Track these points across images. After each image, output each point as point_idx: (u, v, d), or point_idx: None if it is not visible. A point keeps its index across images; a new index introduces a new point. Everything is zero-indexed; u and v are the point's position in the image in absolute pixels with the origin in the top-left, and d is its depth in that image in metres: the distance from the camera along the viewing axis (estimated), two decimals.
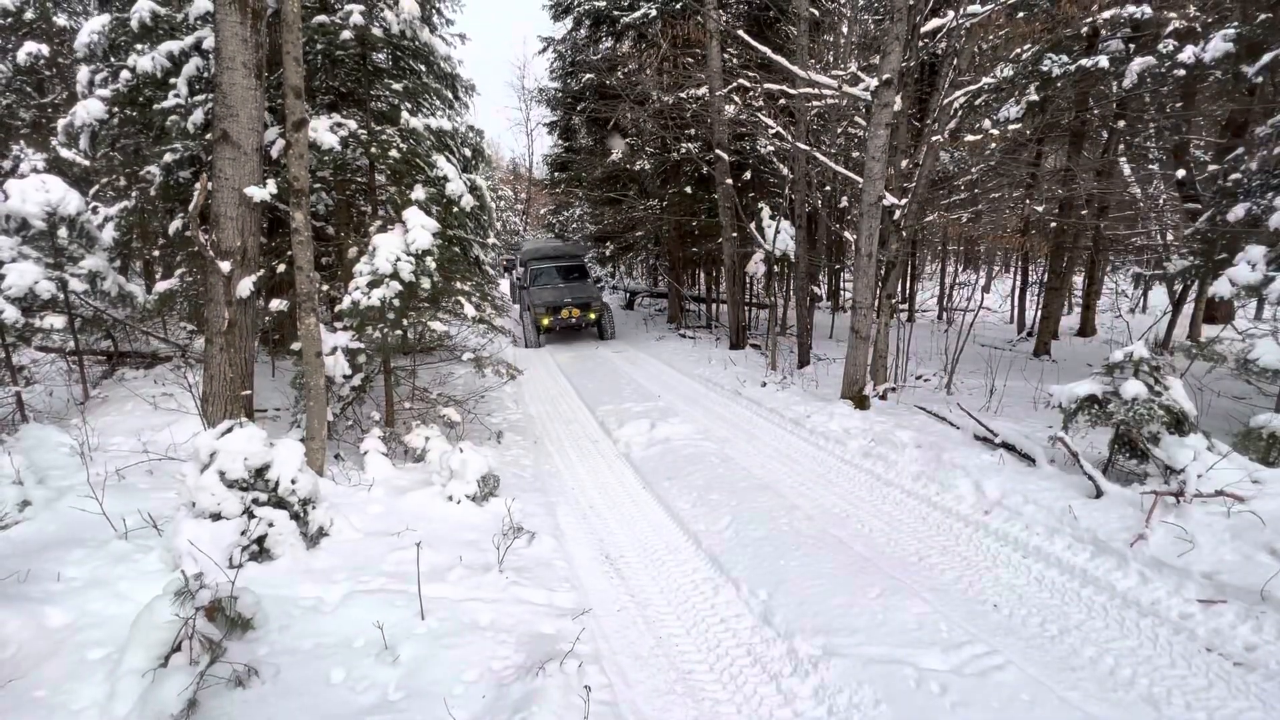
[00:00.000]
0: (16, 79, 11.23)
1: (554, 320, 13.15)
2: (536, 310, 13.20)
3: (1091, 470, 4.27)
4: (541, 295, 13.55)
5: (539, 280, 14.28)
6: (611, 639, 3.16)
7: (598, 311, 13.52)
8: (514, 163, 38.97)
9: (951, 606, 3.33)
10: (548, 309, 13.13)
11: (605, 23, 13.85)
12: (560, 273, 14.49)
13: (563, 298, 13.35)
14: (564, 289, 13.87)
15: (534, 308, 13.30)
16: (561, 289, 13.86)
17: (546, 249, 15.05)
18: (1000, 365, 8.84)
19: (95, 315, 6.31)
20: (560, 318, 13.18)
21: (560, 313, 13.15)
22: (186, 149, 6.15)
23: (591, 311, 13.37)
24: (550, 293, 13.64)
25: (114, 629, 2.70)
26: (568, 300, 13.31)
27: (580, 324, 13.45)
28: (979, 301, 12.25)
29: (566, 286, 14.05)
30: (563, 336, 14.44)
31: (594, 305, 13.41)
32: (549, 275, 14.40)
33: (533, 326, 13.28)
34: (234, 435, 3.45)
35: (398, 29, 5.79)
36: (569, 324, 13.35)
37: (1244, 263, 5.41)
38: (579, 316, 13.26)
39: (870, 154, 6.60)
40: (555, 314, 13.14)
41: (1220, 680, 2.72)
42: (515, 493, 4.75)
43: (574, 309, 13.19)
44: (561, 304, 13.22)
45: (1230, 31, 7.73)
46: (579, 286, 14.13)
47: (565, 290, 13.80)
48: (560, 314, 13.16)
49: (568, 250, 15.32)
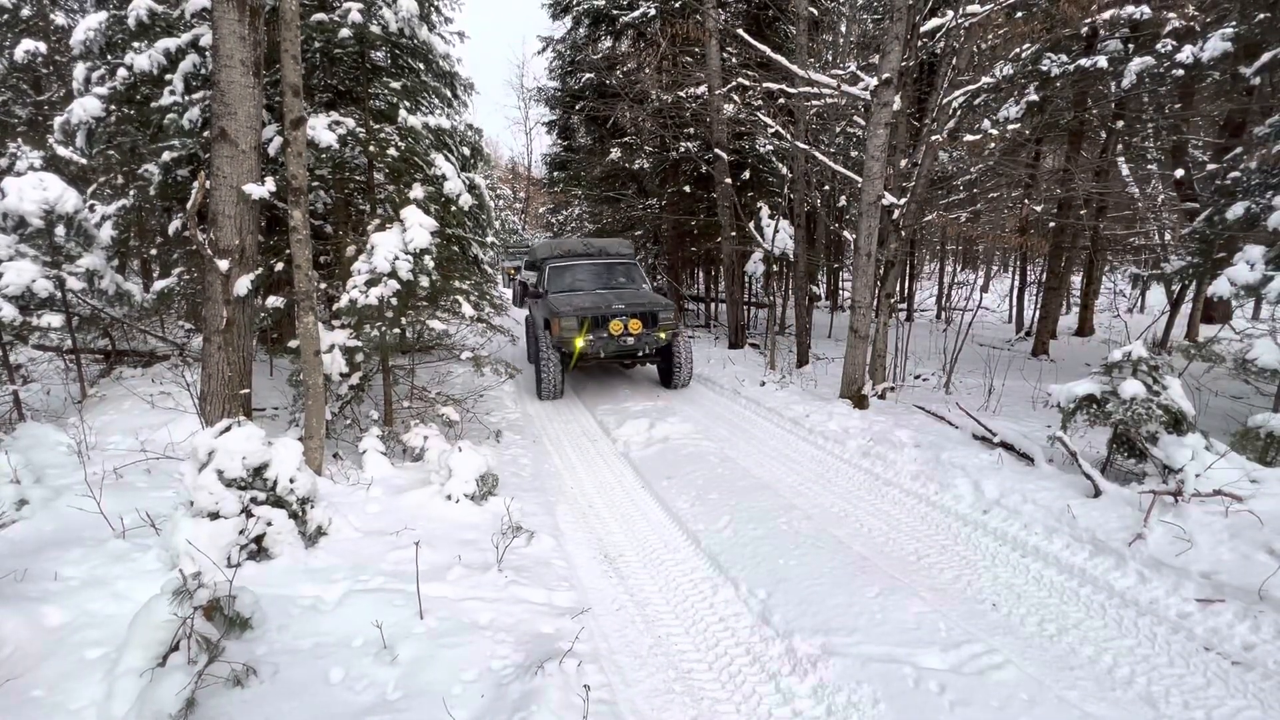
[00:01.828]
0: (13, 76, 11.19)
1: (594, 341, 7.85)
2: (563, 326, 7.83)
3: (1090, 470, 4.28)
4: (570, 302, 8.21)
5: (564, 283, 9.19)
6: (610, 638, 3.16)
7: (669, 330, 8.16)
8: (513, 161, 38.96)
9: (950, 606, 3.33)
10: (583, 322, 7.84)
11: (604, 22, 13.85)
12: (598, 273, 9.49)
13: (609, 304, 8.11)
14: (608, 294, 8.78)
15: (556, 323, 7.87)
16: (604, 294, 8.78)
17: (573, 245, 10.06)
18: (999, 365, 8.85)
19: (93, 314, 6.29)
20: (606, 337, 7.89)
21: (607, 327, 7.91)
22: (184, 147, 6.13)
23: (661, 329, 8.09)
24: (586, 298, 8.47)
25: (112, 628, 2.69)
26: (618, 307, 8.03)
27: (640, 349, 8.11)
28: (977, 301, 12.27)
29: (611, 291, 9.03)
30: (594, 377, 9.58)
31: (663, 318, 8.13)
32: (580, 276, 9.38)
33: (553, 358, 8.02)
34: (232, 434, 3.44)
35: (396, 27, 5.78)
36: (621, 349, 8.01)
37: (1243, 262, 5.42)
38: (640, 336, 8.00)
39: (869, 153, 6.60)
40: (598, 330, 7.91)
41: (1218, 679, 2.73)
42: (514, 492, 4.75)
43: (631, 320, 7.99)
44: (609, 313, 7.97)
45: (1228, 31, 7.75)
46: (632, 291, 9.12)
47: (611, 295, 8.65)
48: (606, 330, 7.91)
49: (606, 245, 10.17)
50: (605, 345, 7.90)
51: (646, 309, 8.14)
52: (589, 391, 8.75)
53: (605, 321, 7.94)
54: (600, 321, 7.95)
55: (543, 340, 8.20)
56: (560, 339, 7.84)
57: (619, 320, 7.93)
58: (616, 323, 7.92)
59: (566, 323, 7.81)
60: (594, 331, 7.88)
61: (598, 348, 7.90)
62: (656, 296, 8.76)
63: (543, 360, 8.07)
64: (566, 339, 7.80)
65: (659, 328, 8.11)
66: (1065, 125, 10.56)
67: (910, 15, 6.88)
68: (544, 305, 8.61)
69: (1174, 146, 10.38)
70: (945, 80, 7.32)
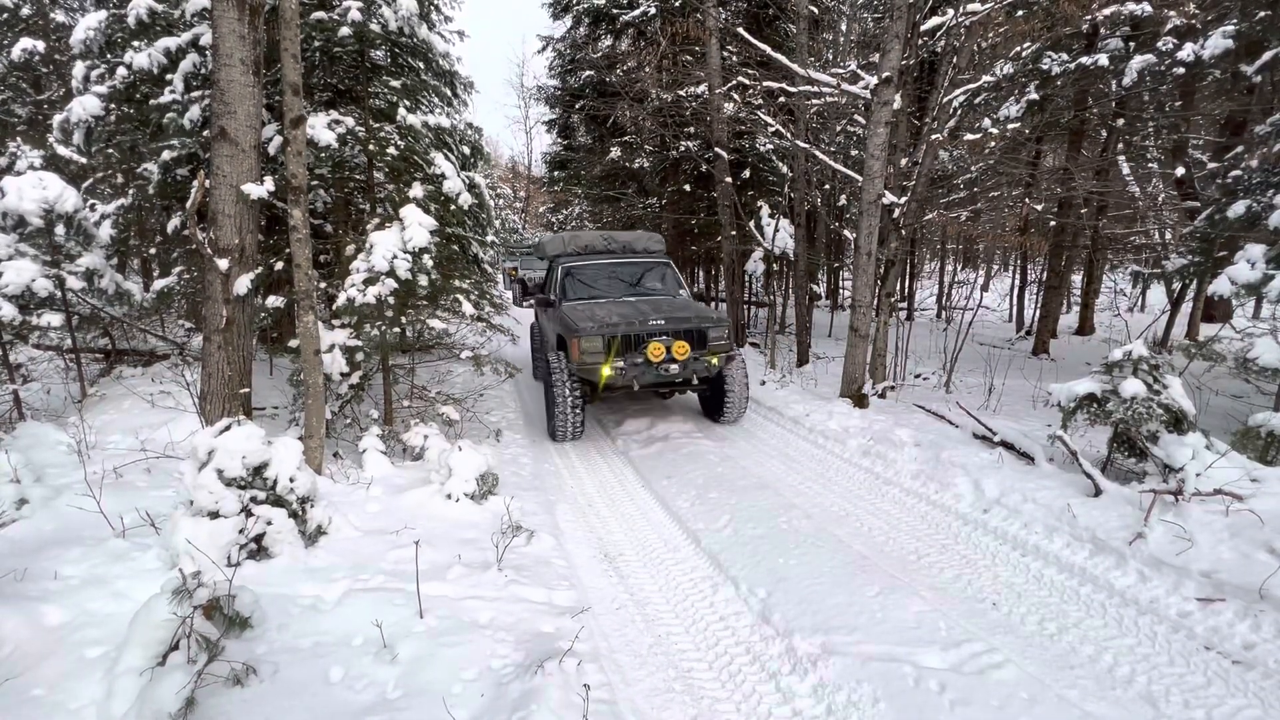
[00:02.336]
0: (13, 75, 11.18)
1: (626, 369, 6.09)
2: (585, 349, 6.08)
3: (1090, 469, 4.28)
4: (593, 315, 6.36)
5: (581, 289, 7.34)
6: (610, 637, 3.15)
7: (723, 354, 6.38)
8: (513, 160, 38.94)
9: (950, 605, 3.33)
10: (610, 344, 6.08)
11: (604, 21, 13.83)
12: (624, 275, 7.63)
13: (645, 318, 6.25)
14: (640, 304, 6.83)
15: (575, 344, 6.11)
16: (635, 304, 6.84)
17: (591, 239, 8.11)
18: (999, 364, 8.85)
19: (93, 313, 6.28)
20: (641, 363, 6.09)
21: (643, 351, 6.08)
22: (184, 146, 6.13)
23: (712, 352, 6.29)
24: (613, 310, 6.54)
25: (112, 627, 2.69)
26: (656, 323, 6.19)
27: (688, 378, 6.29)
28: (978, 300, 12.26)
29: (644, 299, 7.12)
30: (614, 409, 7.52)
31: (714, 338, 6.35)
32: (602, 279, 7.49)
33: (570, 389, 6.20)
34: (232, 433, 3.44)
35: (396, 25, 5.77)
36: (660, 379, 6.19)
37: (1243, 261, 5.42)
38: (687, 362, 6.13)
39: (870, 152, 6.59)
40: (631, 355, 6.13)
41: (1219, 678, 2.73)
42: (514, 491, 4.74)
43: (676, 342, 6.12)
44: (646, 331, 6.15)
45: (1229, 29, 7.73)
46: (670, 300, 7.18)
47: (646, 306, 6.71)
48: (643, 354, 6.08)
49: (632, 240, 8.18)
50: (640, 374, 6.05)
51: (693, 325, 6.23)
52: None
53: (640, 343, 6.09)
54: (633, 343, 6.10)
55: (556, 364, 6.21)
56: (581, 365, 6.07)
57: (659, 342, 6.00)
58: (656, 345, 5.99)
59: (589, 344, 6.01)
60: (625, 356, 6.08)
61: (630, 377, 6.02)
62: (704, 308, 6.87)
63: (556, 390, 6.14)
64: (589, 366, 6.04)
65: (709, 350, 6.24)
66: (1066, 124, 10.55)
67: (910, 14, 6.87)
68: (557, 318, 6.76)
69: (1175, 145, 10.37)
70: (946, 79, 7.31)
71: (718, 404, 6.86)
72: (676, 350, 6.09)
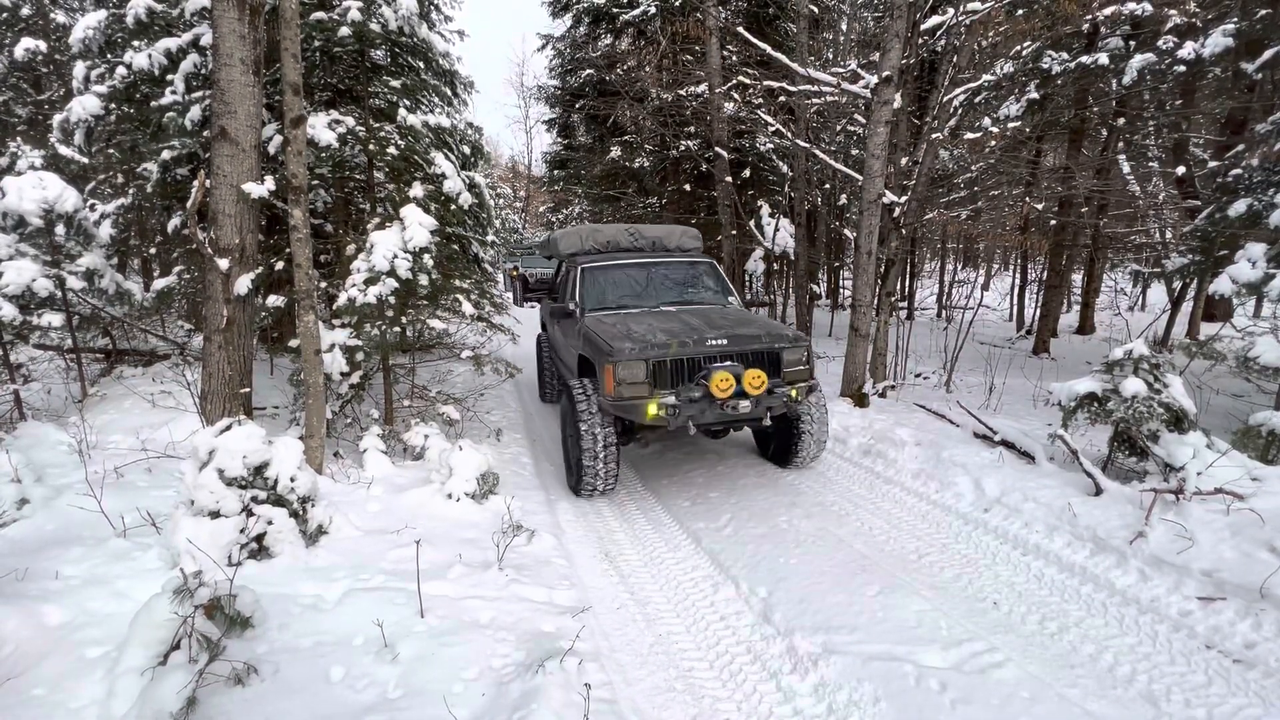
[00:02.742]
0: (13, 75, 11.18)
1: (679, 407, 4.47)
2: (622, 379, 4.53)
3: (1091, 468, 4.27)
4: (629, 332, 4.87)
5: (606, 295, 5.94)
6: (611, 637, 3.15)
7: (803, 383, 4.87)
8: (513, 160, 38.94)
9: (951, 604, 3.33)
10: (654, 372, 4.56)
11: (604, 20, 13.82)
12: (660, 279, 6.16)
13: (702, 337, 4.70)
14: (688, 316, 5.29)
15: (609, 373, 4.56)
16: (682, 316, 5.31)
17: (614, 234, 6.75)
18: (999, 363, 8.84)
19: (93, 313, 6.29)
20: (701, 398, 4.49)
21: (706, 384, 4.46)
22: (184, 146, 6.13)
23: (790, 379, 4.81)
24: (655, 324, 5.05)
25: (112, 627, 2.69)
26: (716, 342, 4.67)
27: (760, 416, 4.65)
28: (978, 299, 12.25)
29: (691, 311, 5.53)
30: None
31: (789, 361, 4.83)
32: (633, 285, 6.05)
33: (602, 429, 4.68)
34: (233, 433, 3.44)
35: (396, 25, 5.77)
36: (725, 418, 4.60)
37: (1244, 260, 5.41)
38: (762, 398, 4.56)
39: (870, 151, 6.59)
40: (686, 387, 4.55)
41: (1219, 677, 2.72)
42: (515, 490, 4.75)
43: (749, 372, 4.50)
44: (704, 353, 4.63)
45: (1230, 27, 7.73)
46: (725, 313, 5.53)
47: (696, 319, 5.16)
48: (705, 389, 4.47)
49: (664, 236, 6.87)
50: (699, 413, 4.44)
51: (764, 346, 4.68)
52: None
53: (697, 370, 4.54)
54: (687, 369, 4.55)
55: (580, 395, 4.76)
56: (616, 400, 4.48)
57: (725, 371, 4.35)
58: (723, 375, 4.33)
59: (628, 372, 4.45)
60: (678, 388, 4.47)
61: (684, 417, 4.40)
62: (773, 323, 5.29)
63: (583, 430, 4.58)
64: (628, 401, 4.45)
65: (786, 377, 4.71)
66: (1066, 123, 10.55)
67: (911, 13, 6.87)
68: (579, 333, 5.30)
69: (1175, 144, 10.37)
70: (946, 78, 7.31)
71: (786, 445, 5.22)
72: (750, 381, 4.40)
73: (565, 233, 6.86)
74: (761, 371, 4.53)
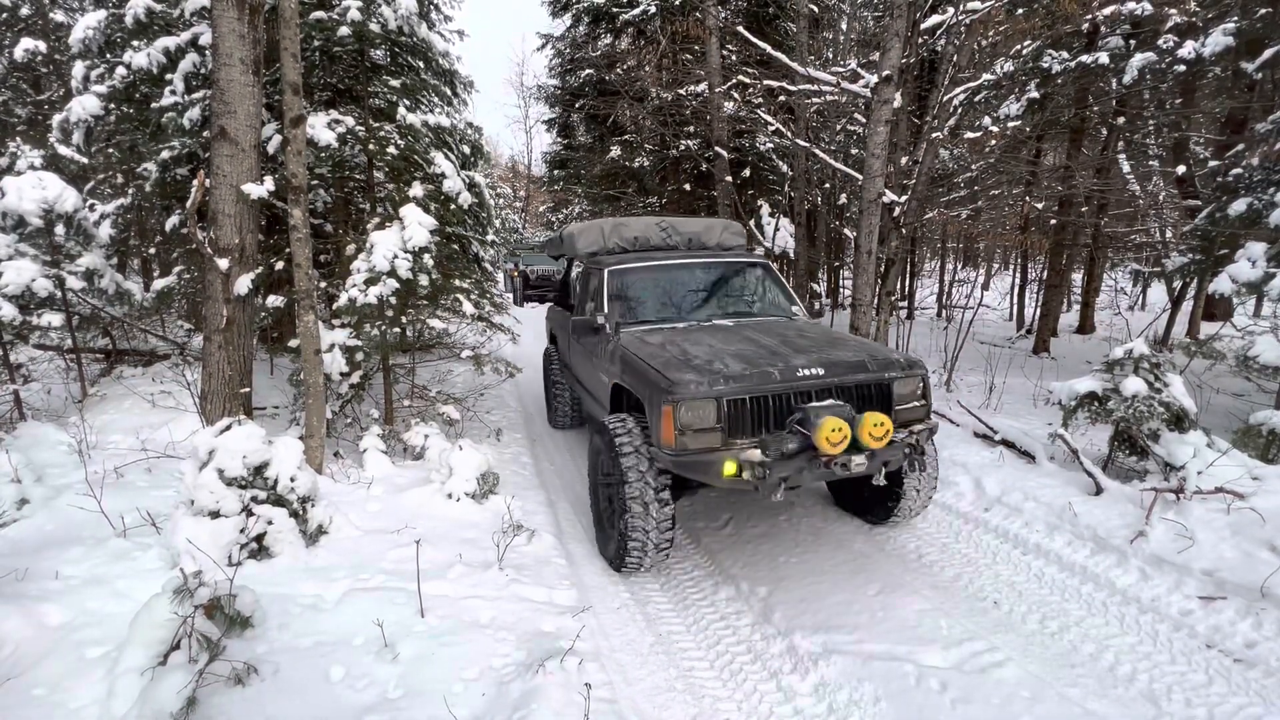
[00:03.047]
0: (13, 76, 11.18)
1: (771, 467, 3.11)
2: (687, 424, 3.25)
3: (1091, 467, 4.27)
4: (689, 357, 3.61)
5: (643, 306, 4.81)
6: (611, 636, 3.15)
7: (920, 426, 3.60)
8: (513, 160, 38.93)
9: (951, 604, 3.33)
10: (731, 415, 3.30)
11: (604, 19, 13.82)
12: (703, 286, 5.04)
13: (787, 364, 3.44)
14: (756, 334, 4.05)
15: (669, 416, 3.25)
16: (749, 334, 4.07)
17: (643, 229, 5.72)
18: (999, 362, 8.84)
19: (93, 313, 6.28)
20: (807, 458, 3.16)
21: (813, 433, 3.08)
22: (183, 146, 6.12)
23: (907, 417, 3.61)
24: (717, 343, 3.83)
25: (112, 627, 2.69)
26: (810, 372, 3.41)
27: (876, 472, 3.31)
28: (978, 299, 12.24)
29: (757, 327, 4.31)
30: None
31: (903, 393, 3.60)
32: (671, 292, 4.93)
33: (655, 486, 3.44)
34: (232, 433, 3.44)
35: (395, 25, 5.76)
36: (829, 475, 3.22)
37: (1244, 259, 5.41)
38: (882, 451, 3.23)
39: (870, 150, 6.59)
40: (778, 438, 3.18)
41: (1220, 677, 2.72)
42: (515, 490, 4.74)
43: (873, 419, 3.15)
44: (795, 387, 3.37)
45: (1230, 27, 7.72)
46: (802, 329, 4.33)
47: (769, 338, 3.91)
48: (806, 444, 3.15)
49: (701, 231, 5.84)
50: (797, 472, 3.20)
51: (872, 376, 3.53)
52: None
53: (782, 410, 3.37)
54: (769, 408, 3.37)
55: (624, 440, 3.58)
56: (679, 454, 3.30)
57: (836, 418, 3.11)
58: (834, 425, 3.08)
59: (694, 415, 3.29)
60: (767, 439, 3.23)
61: (776, 479, 3.15)
62: (871, 343, 4.07)
63: (632, 493, 3.44)
64: (696, 458, 3.28)
65: (899, 416, 3.57)
66: (1066, 122, 10.55)
67: (911, 12, 6.87)
68: (610, 355, 4.21)
69: (1175, 143, 10.36)
70: (946, 77, 7.31)
71: (882, 495, 4.07)
72: (870, 431, 3.13)
73: (583, 227, 5.67)
74: (885, 416, 3.18)
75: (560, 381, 6.49)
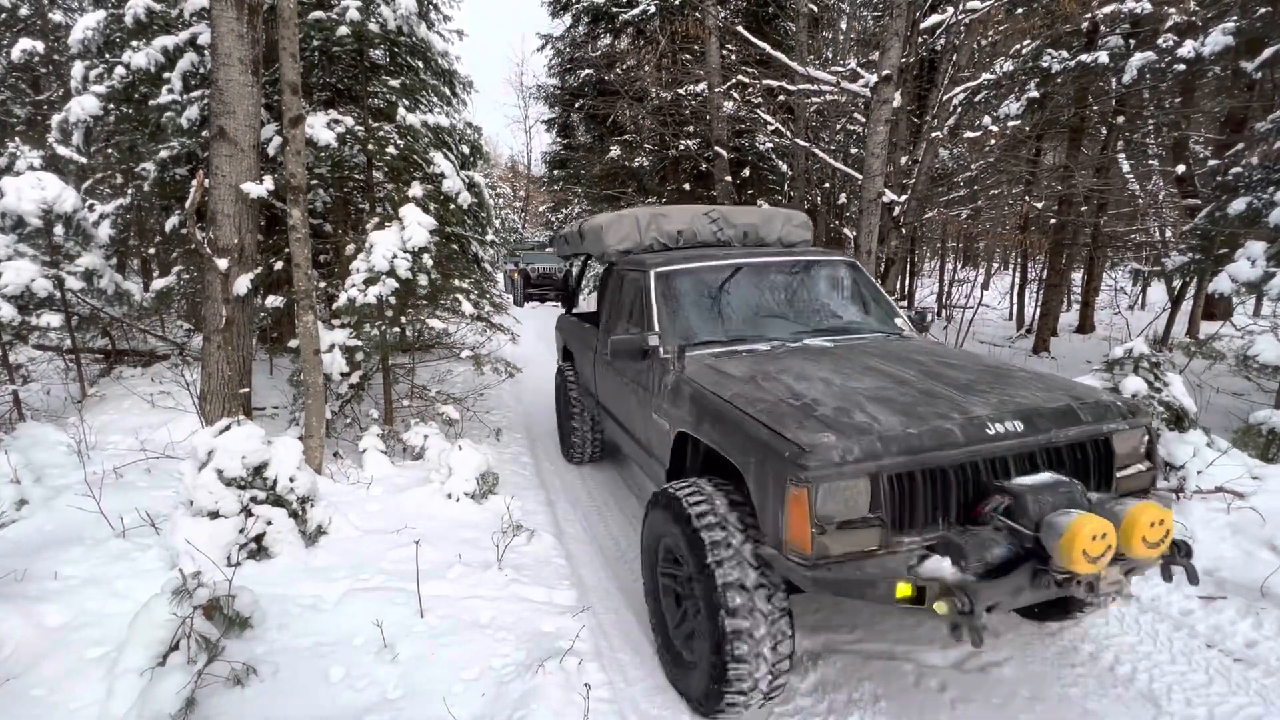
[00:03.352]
0: (12, 76, 11.17)
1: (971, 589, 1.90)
2: (827, 506, 2.04)
3: None
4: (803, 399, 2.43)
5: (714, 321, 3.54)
6: (611, 636, 3.15)
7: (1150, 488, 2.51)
8: (512, 160, 38.93)
9: None
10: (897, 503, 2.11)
11: (604, 19, 13.82)
12: (785, 296, 3.75)
13: (968, 412, 2.26)
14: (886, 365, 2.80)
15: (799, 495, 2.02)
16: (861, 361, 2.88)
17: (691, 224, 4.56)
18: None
19: (92, 313, 6.28)
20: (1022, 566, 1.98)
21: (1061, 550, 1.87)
22: (182, 145, 6.12)
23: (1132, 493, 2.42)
24: (836, 376, 2.66)
25: (112, 627, 2.69)
26: (1005, 428, 2.21)
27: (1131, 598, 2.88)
28: (978, 298, 12.24)
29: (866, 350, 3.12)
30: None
31: (1125, 449, 2.46)
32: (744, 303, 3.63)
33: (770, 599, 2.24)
34: (232, 433, 3.44)
35: (394, 25, 5.76)
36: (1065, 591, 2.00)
37: (1244, 259, 5.40)
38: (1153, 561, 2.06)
39: (869, 150, 6.59)
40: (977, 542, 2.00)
41: (1220, 676, 2.72)
42: (515, 490, 4.74)
43: (1153, 516, 1.98)
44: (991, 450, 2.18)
45: (1230, 26, 7.72)
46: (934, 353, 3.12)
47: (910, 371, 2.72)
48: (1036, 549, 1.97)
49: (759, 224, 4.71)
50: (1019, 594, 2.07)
51: (1088, 429, 2.38)
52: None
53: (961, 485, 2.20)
54: (954, 488, 2.19)
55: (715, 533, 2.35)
56: (820, 566, 2.07)
57: (1096, 518, 1.90)
58: (1092, 524, 1.87)
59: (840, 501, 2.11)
60: (953, 539, 2.07)
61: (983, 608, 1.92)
62: (1071, 382, 2.81)
63: (733, 606, 2.23)
64: (848, 574, 2.06)
65: (1120, 485, 2.47)
66: (1066, 122, 10.55)
67: (910, 11, 6.87)
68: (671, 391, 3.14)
69: (1175, 142, 10.36)
70: (945, 77, 7.31)
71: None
72: (1146, 535, 2.02)
73: (610, 220, 4.61)
74: (1164, 511, 2.07)
75: (578, 411, 5.29)
